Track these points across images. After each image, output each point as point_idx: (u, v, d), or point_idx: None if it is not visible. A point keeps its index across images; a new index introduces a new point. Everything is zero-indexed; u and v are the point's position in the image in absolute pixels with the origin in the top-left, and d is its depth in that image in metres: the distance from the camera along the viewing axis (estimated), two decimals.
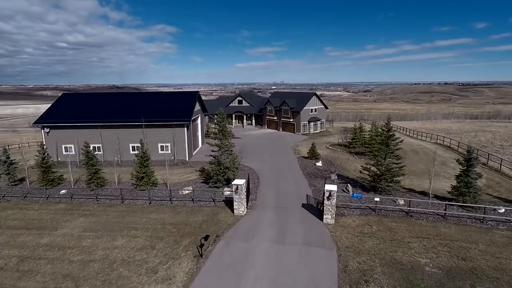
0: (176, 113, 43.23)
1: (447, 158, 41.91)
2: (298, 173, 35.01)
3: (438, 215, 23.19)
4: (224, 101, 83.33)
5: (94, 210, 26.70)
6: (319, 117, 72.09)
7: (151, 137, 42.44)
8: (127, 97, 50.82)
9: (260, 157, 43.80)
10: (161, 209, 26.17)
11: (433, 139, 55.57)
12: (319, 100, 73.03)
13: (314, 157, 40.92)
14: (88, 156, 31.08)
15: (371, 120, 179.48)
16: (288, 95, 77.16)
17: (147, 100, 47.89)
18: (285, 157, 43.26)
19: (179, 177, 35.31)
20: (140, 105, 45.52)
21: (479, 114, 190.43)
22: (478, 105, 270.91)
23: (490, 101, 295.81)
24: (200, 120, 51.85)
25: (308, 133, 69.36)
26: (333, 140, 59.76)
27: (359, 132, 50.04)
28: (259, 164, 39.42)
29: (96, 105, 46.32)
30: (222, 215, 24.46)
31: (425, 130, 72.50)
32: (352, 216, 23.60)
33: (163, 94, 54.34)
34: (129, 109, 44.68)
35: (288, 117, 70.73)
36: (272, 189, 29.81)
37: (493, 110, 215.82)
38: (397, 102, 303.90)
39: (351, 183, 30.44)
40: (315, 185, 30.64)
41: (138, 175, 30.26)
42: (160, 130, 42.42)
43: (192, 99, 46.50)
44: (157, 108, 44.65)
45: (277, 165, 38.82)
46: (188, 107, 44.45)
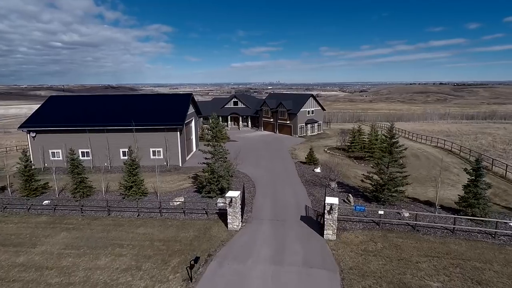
0: (169, 117, 41.34)
1: (449, 163, 40.43)
2: (296, 181, 33.29)
3: (447, 229, 21.59)
4: (219, 103, 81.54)
5: (78, 224, 24.77)
6: (316, 119, 70.52)
7: (142, 141, 40.56)
8: (117, 99, 48.76)
9: (256, 162, 42.06)
10: (150, 223, 24.32)
11: (434, 142, 54.13)
12: (316, 102, 71.44)
13: (312, 162, 39.26)
14: (73, 164, 29.12)
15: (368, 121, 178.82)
16: (285, 96, 75.51)
17: (138, 102, 45.89)
18: (282, 162, 41.54)
19: (171, 185, 33.46)
20: (131, 108, 43.56)
21: (475, 115, 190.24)
22: (473, 105, 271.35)
23: (485, 101, 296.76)
24: (194, 123, 50.01)
25: (305, 136, 67.77)
26: (331, 143, 58.20)
27: (358, 135, 48.47)
28: (255, 170, 37.67)
29: (85, 108, 44.26)
30: (215, 229, 22.66)
31: (424, 132, 71.23)
32: (355, 230, 21.93)
33: (155, 96, 52.40)
34: (119, 112, 42.72)
35: (285, 119, 69.06)
36: (268, 199, 28.07)
37: (489, 111, 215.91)
38: (393, 102, 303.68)
39: (352, 192, 28.78)
40: (314, 194, 28.92)
41: (127, 185, 28.36)
42: (151, 134, 40.54)
43: (185, 101, 44.62)
44: (148, 111, 42.72)
45: (274, 171, 37.10)
46: (181, 110, 42.56)
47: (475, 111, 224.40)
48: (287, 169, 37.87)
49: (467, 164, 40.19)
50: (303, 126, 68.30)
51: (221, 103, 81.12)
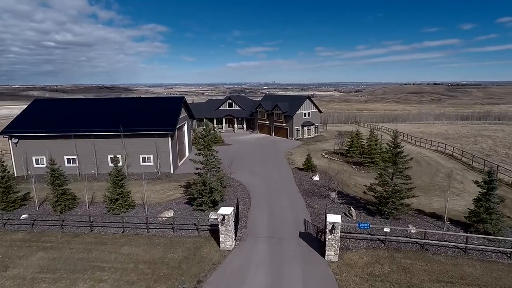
0: (159, 121, 39.20)
1: (451, 169, 38.79)
2: (293, 190, 31.36)
3: (458, 248, 19.81)
4: (214, 104, 79.48)
5: (57, 242, 22.61)
6: (313, 121, 68.76)
7: (131, 147, 38.39)
8: (105, 103, 46.34)
9: (251, 168, 40.10)
10: (136, 241, 22.23)
11: (433, 146, 52.47)
12: (313, 104, 69.66)
13: (310, 169, 37.37)
14: (53, 175, 26.91)
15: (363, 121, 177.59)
16: (281, 98, 73.65)
17: (128, 106, 43.57)
18: (279, 169, 39.61)
19: (160, 195, 31.37)
20: (120, 112, 41.31)
21: (470, 115, 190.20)
22: (467, 106, 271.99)
23: (479, 101, 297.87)
24: (186, 126, 47.91)
25: (302, 138, 65.99)
26: (328, 146, 56.42)
27: (356, 139, 46.71)
28: (250, 178, 35.72)
29: (70, 112, 41.87)
30: (206, 249, 20.65)
31: (422, 135, 69.79)
32: (359, 250, 20.06)
33: (145, 99, 50.14)
34: (107, 116, 40.47)
35: (281, 121, 67.22)
36: (264, 212, 26.10)
37: (483, 111, 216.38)
38: (388, 103, 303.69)
39: (353, 204, 26.94)
40: (313, 206, 27.01)
41: (112, 197, 26.21)
42: (141, 140, 38.36)
43: (177, 105, 42.50)
44: (138, 116, 40.53)
45: (270, 179, 35.16)
46: (172, 115, 40.44)
47: (470, 111, 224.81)
48: (284, 177, 35.94)
49: (470, 171, 38.65)
50: (300, 128, 66.52)
51: (216, 105, 79.08)
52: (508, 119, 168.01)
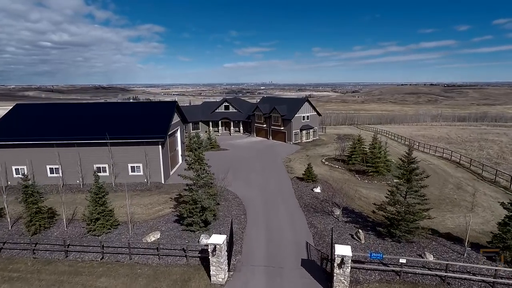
0: (149, 128, 36.30)
1: (461, 180, 36.21)
2: (293, 204, 28.56)
3: (485, 282, 17.12)
4: (210, 107, 76.59)
5: (26, 271, 19.66)
6: (312, 124, 66.06)
7: (119, 156, 35.47)
8: (91, 108, 43.16)
9: (248, 177, 37.33)
10: (115, 270, 19.32)
11: (438, 152, 49.75)
12: (312, 107, 66.94)
13: (310, 179, 34.60)
14: (26, 192, 23.95)
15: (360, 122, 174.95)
16: (278, 101, 70.88)
17: (115, 112, 40.49)
18: (277, 178, 36.83)
19: (148, 210, 28.48)
20: (107, 118, 38.34)
21: (467, 116, 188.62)
22: (463, 106, 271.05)
23: (475, 102, 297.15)
24: (179, 132, 45.01)
25: (300, 142, 63.30)
26: (328, 151, 53.74)
27: (359, 145, 43.99)
28: (246, 189, 32.93)
29: (54, 118, 38.77)
30: (196, 283, 17.79)
31: (423, 139, 67.31)
32: (370, 283, 17.26)
33: (135, 104, 46.99)
34: (93, 123, 37.50)
35: (279, 125, 64.48)
36: (262, 232, 23.28)
37: (480, 112, 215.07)
38: (384, 103, 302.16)
39: (360, 223, 24.19)
40: (315, 225, 24.22)
41: (91, 217, 23.27)
42: (129, 148, 35.45)
43: (169, 110, 39.56)
44: (126, 122, 37.58)
45: (268, 191, 32.38)
46: (163, 121, 37.53)
47: (467, 112, 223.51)
48: (282, 188, 33.16)
49: (481, 181, 36.06)
50: (298, 132, 63.82)
51: (212, 107, 76.19)
52: (505, 120, 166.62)
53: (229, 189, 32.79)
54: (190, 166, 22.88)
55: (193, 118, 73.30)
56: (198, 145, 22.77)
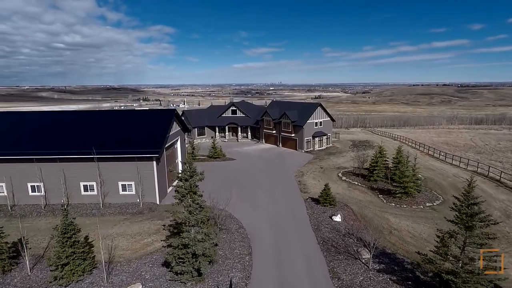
0: (143, 142, 31.43)
1: (507, 204, 30.30)
2: (309, 240, 23.15)
3: None
4: (216, 111, 71.67)
5: None
6: (325, 131, 60.50)
7: (108, 173, 30.73)
8: (77, 117, 38.32)
9: (255, 196, 32.19)
10: None
11: (471, 166, 43.07)
12: (325, 112, 61.38)
13: (327, 202, 29.18)
14: None
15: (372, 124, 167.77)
16: (289, 105, 65.44)
17: (105, 122, 35.59)
18: (288, 199, 31.53)
19: (135, 243, 23.56)
20: (95, 129, 33.60)
21: (484, 118, 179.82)
22: (478, 107, 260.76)
23: (490, 103, 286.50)
24: (180, 142, 40.12)
25: (313, 150, 57.85)
26: (344, 162, 48.16)
27: (382, 159, 38.32)
28: (252, 215, 27.78)
29: (35, 129, 34.05)
30: None
31: (447, 147, 61.05)
32: None
33: (128, 113, 41.73)
34: (79, 135, 32.80)
35: (289, 131, 59.15)
36: (271, 283, 18.11)
37: (497, 113, 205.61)
38: (396, 104, 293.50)
39: (397, 273, 18.69)
40: (339, 275, 18.77)
41: (58, 262, 18.36)
42: (119, 164, 30.65)
43: (166, 120, 34.59)
44: (117, 134, 32.80)
45: (278, 218, 27.11)
46: (159, 133, 32.61)
47: (483, 114, 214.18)
48: (295, 214, 27.85)
49: None
50: (310, 139, 58.38)
51: (218, 111, 71.27)
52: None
53: (232, 215, 27.74)
54: (180, 200, 17.80)
55: (199, 123, 68.61)
56: (191, 174, 17.67)
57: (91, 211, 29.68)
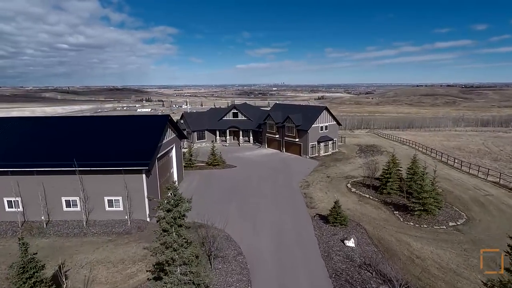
0: (131, 152, 28.01)
1: None
2: (319, 272, 19.44)
3: None
4: (217, 114, 68.30)
5: None
6: (331, 136, 56.92)
7: (92, 188, 27.36)
8: (60, 124, 34.58)
9: (256, 212, 28.71)
10: None
11: (492, 176, 38.97)
12: (330, 116, 57.84)
13: (338, 222, 25.60)
14: None
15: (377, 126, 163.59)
16: (293, 109, 61.86)
17: (89, 129, 32.04)
18: (294, 216, 28.01)
19: (116, 274, 20.11)
20: (78, 138, 30.24)
21: (490, 120, 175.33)
22: (483, 108, 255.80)
23: (495, 104, 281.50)
24: (175, 150, 36.71)
25: (318, 156, 54.33)
26: (352, 170, 44.60)
27: (394, 168, 34.62)
28: (253, 236, 24.31)
29: (12, 137, 30.61)
30: None
31: (461, 153, 57.25)
32: None
33: (115, 119, 37.27)
34: (60, 144, 29.43)
35: (293, 136, 55.66)
36: None
37: (504, 115, 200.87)
38: (400, 105, 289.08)
39: None
40: None
41: None
42: (105, 177, 27.27)
43: (158, 128, 31.11)
44: (102, 143, 29.40)
45: (282, 240, 23.60)
46: (149, 142, 29.16)
47: (489, 115, 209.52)
48: (302, 235, 24.31)
49: None
50: (315, 145, 54.87)
51: (219, 114, 67.90)
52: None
53: (230, 237, 24.29)
54: (162, 235, 14.29)
55: (199, 127, 65.26)
56: (176, 202, 14.19)
57: (73, 230, 26.33)
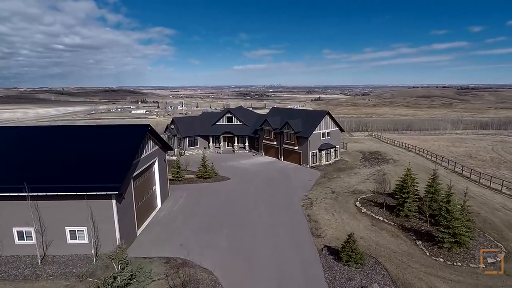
0: (97, 172, 22.74)
1: None
2: None
3: None
4: (210, 119, 63.00)
5: None
6: (333, 143, 51.95)
7: (51, 215, 22.03)
8: (12, 136, 27.93)
9: (251, 244, 23.50)
10: None
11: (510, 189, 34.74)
12: (333, 121, 52.89)
13: (353, 260, 20.41)
14: None
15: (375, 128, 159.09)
16: (291, 114, 56.70)
17: (47, 144, 26.51)
18: (297, 250, 22.78)
19: None
20: (32, 155, 24.80)
21: (489, 122, 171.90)
22: (480, 110, 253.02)
23: (492, 106, 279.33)
24: (158, 164, 31.36)
25: (319, 166, 49.35)
26: (359, 183, 39.59)
27: (411, 184, 29.44)
28: (247, 279, 19.19)
29: None
30: None
31: (473, 162, 52.50)
32: None
33: (81, 130, 30.03)
34: (8, 163, 24.13)
35: (292, 143, 50.58)
36: None
37: (502, 117, 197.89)
38: (397, 107, 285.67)
39: None
40: None
41: None
42: (66, 204, 21.89)
43: (134, 141, 25.63)
44: (62, 162, 24.00)
45: (284, 286, 18.54)
46: (123, 160, 23.74)
47: (486, 117, 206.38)
48: (308, 282, 19.15)
49: None
50: (316, 153, 49.87)
51: (212, 119, 62.64)
52: None
53: (218, 281, 19.05)
54: None
55: (190, 133, 59.93)
56: (125, 281, 8.93)
57: (23, 270, 20.95)
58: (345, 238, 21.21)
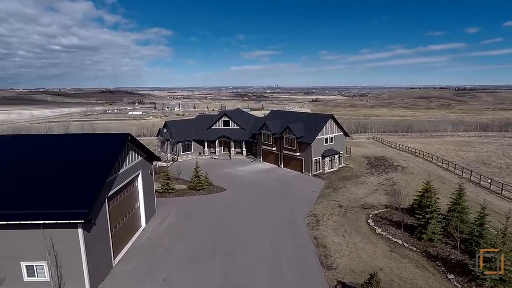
0: (60, 195, 18.44)
1: None
2: None
3: None
4: (205, 122, 58.63)
5: None
6: (337, 148, 47.83)
7: (3, 248, 17.72)
8: None
9: (249, 280, 19.30)
10: None
11: None
12: (337, 125, 48.74)
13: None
14: None
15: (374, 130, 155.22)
16: (292, 117, 52.39)
17: (2, 155, 22.24)
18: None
19: None
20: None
21: (490, 124, 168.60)
22: (478, 111, 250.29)
23: (490, 107, 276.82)
24: (142, 178, 26.98)
25: (322, 173, 45.27)
26: (368, 194, 35.47)
27: (434, 202, 25.19)
28: None
29: None
30: None
31: (487, 168, 48.52)
32: None
33: (46, 141, 24.47)
34: None
35: (293, 149, 46.42)
36: None
37: (502, 118, 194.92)
38: (395, 108, 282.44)
39: None
40: None
41: None
42: (21, 234, 17.54)
43: (109, 155, 21.13)
44: (17, 181, 19.66)
45: None
46: (92, 178, 19.31)
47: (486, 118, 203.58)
48: None
49: None
50: (319, 159, 45.72)
51: (207, 122, 58.33)
52: None
53: None
54: None
55: (184, 137, 55.59)
56: None
57: None
58: (361, 269, 17.00)
